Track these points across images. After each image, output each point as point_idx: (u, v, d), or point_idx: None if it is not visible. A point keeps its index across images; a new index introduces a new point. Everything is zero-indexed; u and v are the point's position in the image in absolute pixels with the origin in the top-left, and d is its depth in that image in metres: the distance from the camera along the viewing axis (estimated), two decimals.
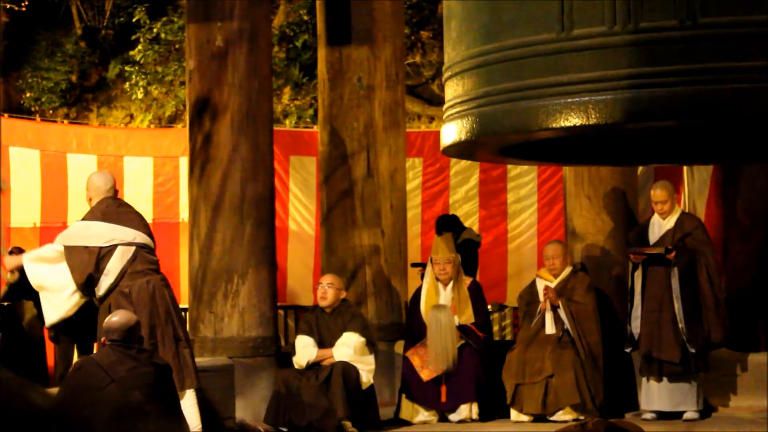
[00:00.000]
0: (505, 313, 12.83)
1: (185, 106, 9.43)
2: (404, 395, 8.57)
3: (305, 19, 14.52)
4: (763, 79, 3.10)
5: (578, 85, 3.19)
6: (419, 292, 8.81)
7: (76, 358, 9.97)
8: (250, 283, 8.48)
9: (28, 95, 15.36)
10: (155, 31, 14.82)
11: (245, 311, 8.45)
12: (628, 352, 8.66)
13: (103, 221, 6.99)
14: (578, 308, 8.51)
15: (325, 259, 9.72)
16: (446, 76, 3.62)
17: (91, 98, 15.90)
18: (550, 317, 8.54)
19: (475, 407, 8.46)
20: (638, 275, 8.53)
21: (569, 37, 3.22)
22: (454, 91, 3.54)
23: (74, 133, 12.79)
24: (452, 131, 3.52)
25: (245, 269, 8.47)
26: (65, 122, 14.01)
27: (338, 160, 9.64)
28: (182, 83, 13.22)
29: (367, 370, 8.14)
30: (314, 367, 8.15)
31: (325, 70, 9.73)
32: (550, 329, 8.52)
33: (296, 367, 8.23)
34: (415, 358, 8.54)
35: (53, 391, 6.23)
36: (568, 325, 8.46)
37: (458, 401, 8.46)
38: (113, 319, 5.91)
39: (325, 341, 8.25)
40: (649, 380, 8.49)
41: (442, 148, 3.70)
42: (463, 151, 3.98)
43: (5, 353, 9.37)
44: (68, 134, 12.66)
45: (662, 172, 10.98)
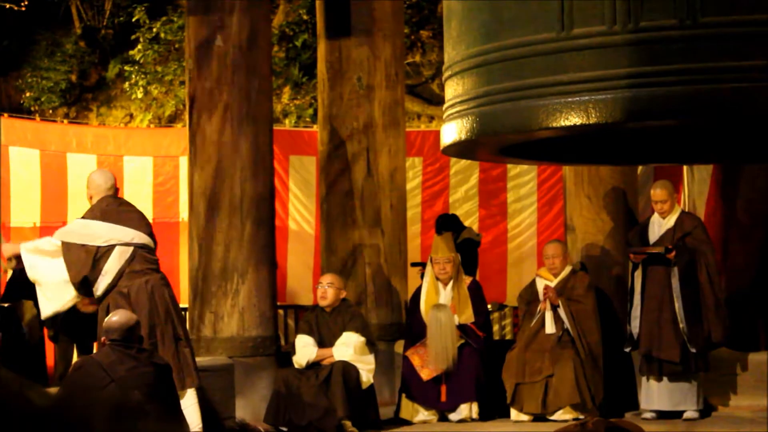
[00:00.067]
0: (504, 312, 12.83)
1: (185, 105, 9.43)
2: (404, 395, 8.57)
3: (305, 18, 14.52)
4: (763, 78, 3.10)
5: (578, 84, 3.19)
6: (419, 291, 8.81)
7: (75, 357, 9.97)
8: (250, 282, 8.48)
9: (27, 95, 15.36)
10: (155, 30, 14.83)
11: (245, 311, 8.46)
12: (627, 351, 8.66)
13: (102, 220, 6.98)
14: (578, 308, 8.51)
15: (324, 258, 9.72)
16: (446, 75, 3.62)
17: (90, 98, 15.90)
18: (549, 317, 8.54)
19: (475, 407, 8.46)
20: (638, 275, 8.53)
21: (569, 36, 3.22)
22: (454, 90, 3.54)
23: (74, 132, 12.79)
24: (452, 131, 3.52)
25: (245, 269, 8.47)
26: (65, 122, 14.01)
27: (338, 159, 9.64)
28: (182, 83, 13.22)
29: (367, 369, 8.14)
30: (314, 366, 8.15)
31: (324, 69, 9.73)
32: (550, 329, 8.52)
33: (296, 366, 8.23)
34: (415, 357, 8.54)
35: (53, 390, 6.22)
36: (567, 324, 8.46)
37: (458, 401, 8.46)
38: (113, 318, 5.91)
39: (325, 341, 8.25)
40: (649, 380, 8.49)
41: (442, 147, 3.70)
42: (463, 150, 3.97)
43: (5, 353, 9.37)
44: (68, 134, 12.66)
45: (662, 171, 10.98)
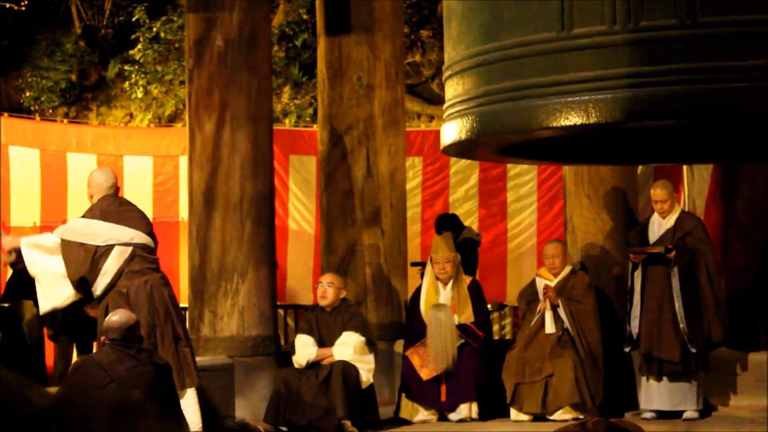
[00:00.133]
0: (504, 312, 12.83)
1: (185, 105, 9.42)
2: (404, 394, 8.57)
3: (305, 18, 14.52)
4: (763, 78, 3.10)
5: (578, 84, 3.19)
6: (419, 291, 8.81)
7: (75, 357, 9.97)
8: (249, 282, 8.48)
9: (27, 94, 15.35)
10: (155, 30, 14.82)
11: (245, 310, 8.45)
12: (627, 351, 8.66)
13: (102, 220, 6.98)
14: (578, 307, 8.51)
15: (324, 258, 9.72)
16: (446, 75, 3.62)
17: (90, 97, 15.89)
18: (549, 316, 8.53)
19: (474, 406, 8.46)
20: (638, 275, 8.53)
21: (569, 36, 3.22)
22: (454, 90, 3.54)
23: (74, 132, 12.79)
24: (452, 130, 3.52)
25: (245, 268, 8.47)
26: (65, 121, 14.00)
27: (338, 159, 9.64)
28: (182, 82, 13.22)
29: (366, 369, 8.14)
30: (314, 366, 8.15)
31: (324, 69, 9.73)
32: (549, 328, 8.52)
33: (296, 366, 8.23)
34: (414, 357, 8.54)
35: (53, 390, 6.22)
36: (567, 324, 8.46)
37: (458, 400, 8.46)
38: (113, 318, 5.91)
39: (324, 340, 8.25)
40: (648, 379, 8.49)
41: (442, 147, 3.70)
42: (463, 150, 3.97)
43: (5, 353, 9.37)
44: (68, 133, 12.66)
45: (662, 171, 10.98)
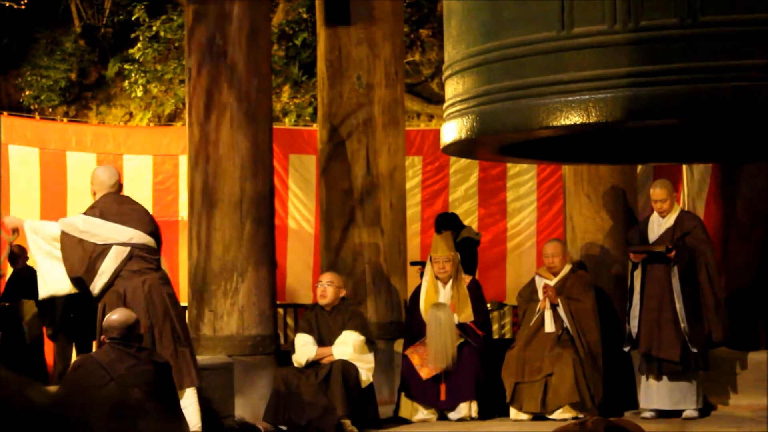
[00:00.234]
0: (504, 311, 12.83)
1: (184, 104, 9.43)
2: (403, 393, 8.57)
3: (305, 17, 14.52)
4: (763, 77, 3.10)
5: (578, 83, 3.19)
6: (419, 290, 8.81)
7: (74, 356, 9.97)
8: (249, 281, 8.47)
9: (27, 93, 15.35)
10: (154, 29, 14.82)
11: (244, 309, 8.45)
12: (627, 351, 8.65)
13: (102, 218, 6.97)
14: (577, 307, 8.51)
15: (324, 257, 9.72)
16: (446, 74, 3.62)
17: (90, 96, 15.89)
18: (549, 316, 8.54)
19: (474, 405, 8.46)
20: (638, 274, 8.53)
21: (569, 35, 3.21)
22: (454, 89, 3.54)
23: (73, 131, 12.80)
24: (452, 130, 3.52)
25: (245, 267, 8.47)
26: (64, 120, 14.01)
27: (338, 158, 9.64)
28: (181, 81, 13.22)
29: (366, 368, 8.14)
30: (314, 365, 8.15)
31: (324, 68, 9.73)
32: (549, 328, 8.52)
33: (296, 365, 8.23)
34: (414, 356, 8.54)
35: (53, 389, 6.22)
36: (567, 323, 8.46)
37: (457, 399, 8.46)
38: (113, 317, 5.91)
39: (324, 339, 8.25)
40: (648, 379, 8.49)
41: (442, 146, 3.70)
42: (463, 149, 3.97)
43: (5, 352, 9.38)
44: (67, 132, 12.67)
45: (661, 170, 10.99)
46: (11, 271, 10.74)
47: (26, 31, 15.56)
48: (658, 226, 8.62)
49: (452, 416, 8.48)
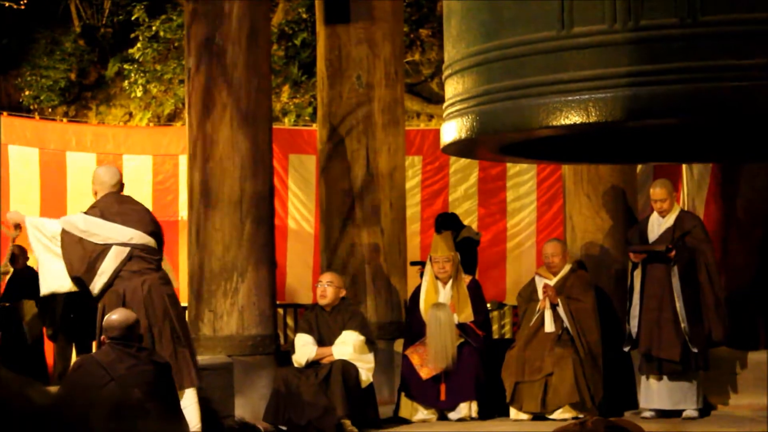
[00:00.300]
0: (504, 311, 12.83)
1: (184, 104, 9.42)
2: (403, 393, 8.57)
3: (304, 17, 14.52)
4: (763, 77, 3.10)
5: (578, 83, 3.19)
6: (418, 290, 8.81)
7: (74, 357, 9.97)
8: (249, 281, 8.47)
9: (27, 93, 15.35)
10: (154, 29, 14.82)
11: (244, 309, 8.45)
12: (626, 351, 8.65)
13: (102, 218, 6.98)
14: (577, 306, 8.51)
15: (324, 257, 9.72)
16: (446, 74, 3.62)
17: (90, 96, 15.89)
18: (549, 315, 8.53)
19: (474, 405, 8.46)
20: (638, 274, 8.52)
21: (569, 35, 3.21)
22: (454, 89, 3.54)
23: (73, 131, 12.80)
24: (452, 129, 3.52)
25: (244, 267, 8.47)
26: (64, 120, 14.01)
27: (337, 158, 9.64)
28: (181, 81, 13.22)
29: (366, 368, 8.14)
30: (314, 365, 8.15)
31: (324, 68, 9.72)
32: (549, 327, 8.52)
33: (295, 365, 8.23)
34: (414, 356, 8.54)
35: (53, 389, 6.22)
36: (567, 323, 8.46)
37: (457, 399, 8.45)
38: (113, 317, 5.91)
39: (324, 339, 8.25)
40: (648, 379, 8.49)
41: (442, 146, 3.70)
42: (463, 149, 3.97)
43: (5, 352, 9.38)
44: (67, 132, 12.67)
45: (661, 170, 10.99)
46: (12, 271, 10.75)
47: (26, 31, 15.56)
48: (658, 225, 8.62)
49: (452, 416, 8.48)
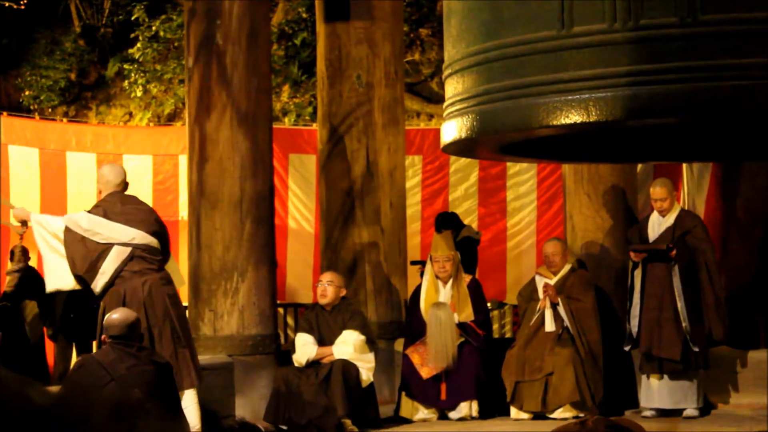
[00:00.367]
0: (504, 310, 12.83)
1: (184, 104, 9.42)
2: (404, 393, 8.57)
3: (304, 16, 14.52)
4: (763, 76, 3.10)
5: (578, 82, 3.19)
6: (419, 289, 8.81)
7: (74, 357, 9.98)
8: (249, 281, 8.47)
9: (27, 93, 15.35)
10: (154, 29, 14.82)
11: (245, 309, 8.45)
12: (627, 350, 8.65)
13: (105, 217, 6.98)
14: (578, 306, 8.51)
15: (324, 256, 9.72)
16: (446, 73, 3.62)
17: (90, 96, 15.89)
18: (549, 315, 8.53)
19: (474, 405, 8.46)
20: (638, 273, 8.52)
21: (569, 34, 3.22)
22: (454, 88, 3.54)
23: (73, 131, 12.79)
24: (452, 129, 3.52)
25: (245, 267, 8.47)
26: (64, 120, 14.00)
27: (337, 157, 9.64)
28: (181, 81, 13.22)
29: (366, 368, 8.14)
30: (314, 365, 8.15)
31: (324, 67, 9.72)
32: (549, 327, 8.51)
33: (296, 365, 8.22)
34: (414, 355, 8.54)
35: (54, 389, 6.22)
36: (567, 322, 8.46)
37: (458, 399, 8.45)
38: (113, 316, 5.91)
39: (324, 339, 8.25)
40: (649, 378, 8.49)
41: (442, 145, 3.70)
42: (463, 148, 3.97)
43: (6, 352, 9.38)
44: (67, 132, 12.66)
45: (661, 169, 10.99)
46: (13, 274, 10.75)
47: (26, 31, 15.56)
48: (658, 225, 8.62)
49: (453, 416, 8.48)
